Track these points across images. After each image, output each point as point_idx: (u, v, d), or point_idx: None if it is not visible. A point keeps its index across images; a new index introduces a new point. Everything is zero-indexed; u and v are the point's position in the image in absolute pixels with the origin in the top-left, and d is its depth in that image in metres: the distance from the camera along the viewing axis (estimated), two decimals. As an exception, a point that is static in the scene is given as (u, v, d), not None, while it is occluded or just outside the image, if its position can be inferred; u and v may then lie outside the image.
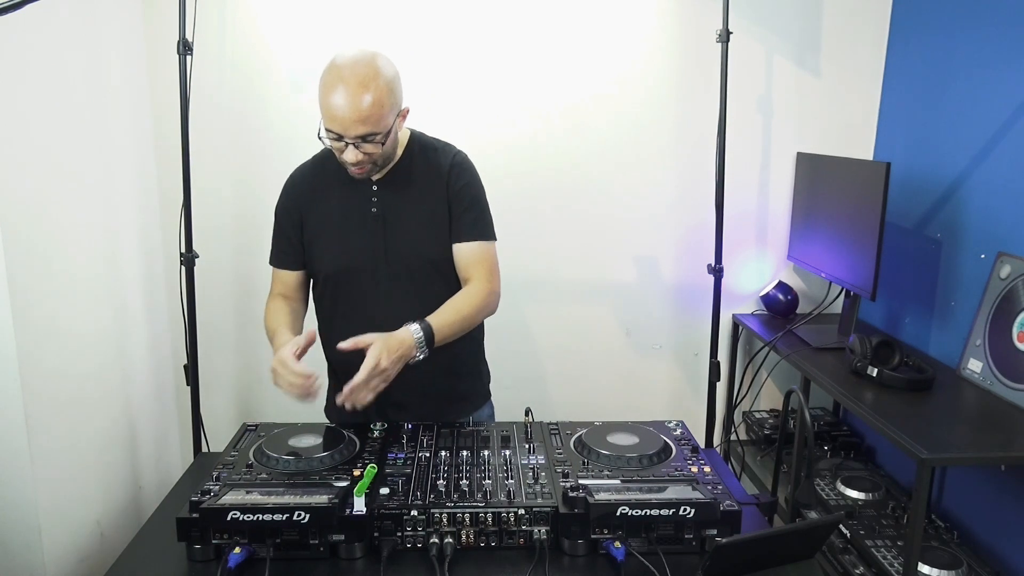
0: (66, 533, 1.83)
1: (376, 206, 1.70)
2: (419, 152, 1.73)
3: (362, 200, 1.71)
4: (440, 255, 1.72)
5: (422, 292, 1.70)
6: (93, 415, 2.01)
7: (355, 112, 1.51)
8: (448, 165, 1.71)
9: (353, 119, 1.52)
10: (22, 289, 1.66)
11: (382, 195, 1.70)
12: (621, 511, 1.27)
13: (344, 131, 1.54)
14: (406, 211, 1.70)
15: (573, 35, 2.57)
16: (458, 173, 1.72)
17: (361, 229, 1.70)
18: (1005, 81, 2.08)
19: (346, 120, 1.52)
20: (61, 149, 1.88)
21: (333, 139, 1.57)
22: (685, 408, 2.85)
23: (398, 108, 1.59)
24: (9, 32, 1.63)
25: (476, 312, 1.70)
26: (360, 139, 1.55)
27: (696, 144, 2.64)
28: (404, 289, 1.70)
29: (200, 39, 2.36)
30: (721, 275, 2.48)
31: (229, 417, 2.73)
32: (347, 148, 1.56)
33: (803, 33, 2.64)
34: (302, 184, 1.77)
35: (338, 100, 1.52)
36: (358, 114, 1.51)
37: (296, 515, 1.24)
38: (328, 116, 1.55)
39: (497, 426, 1.67)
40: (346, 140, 1.55)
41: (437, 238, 1.71)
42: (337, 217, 1.72)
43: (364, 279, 1.71)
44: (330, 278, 1.76)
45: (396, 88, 1.57)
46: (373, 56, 1.55)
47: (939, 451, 1.70)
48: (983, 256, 2.15)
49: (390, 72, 1.56)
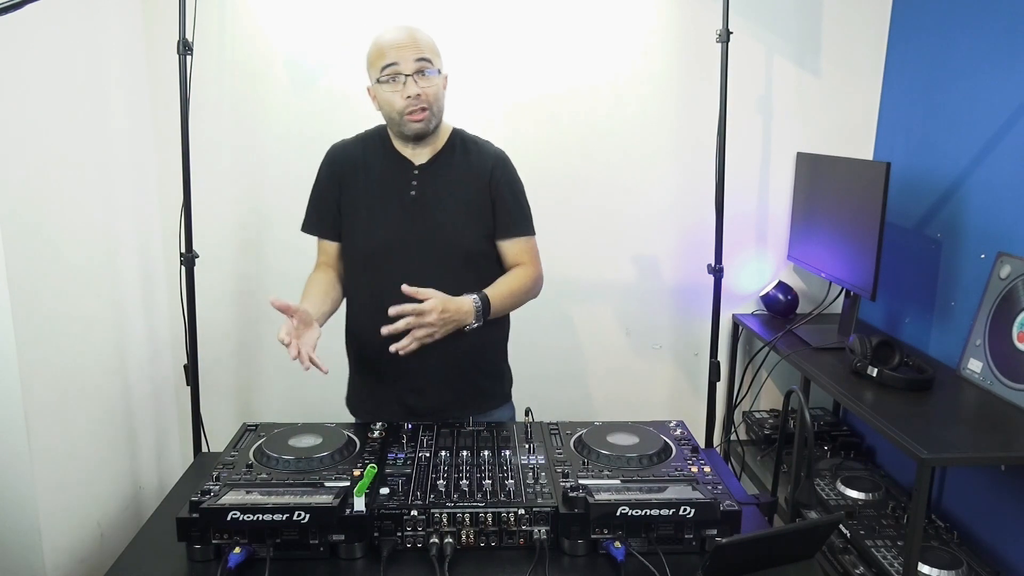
0: (66, 533, 1.83)
1: (416, 189, 1.73)
2: (460, 144, 1.78)
3: (402, 181, 1.73)
4: (473, 246, 1.75)
5: (452, 277, 1.70)
6: (93, 415, 2.01)
7: (410, 38, 1.62)
8: (491, 160, 1.77)
9: (409, 44, 1.61)
10: (22, 289, 1.66)
11: (423, 179, 1.73)
12: (621, 511, 1.27)
13: (401, 58, 1.61)
14: (444, 198, 1.73)
15: (573, 35, 2.57)
16: (502, 170, 1.77)
17: (398, 210, 1.73)
18: (1005, 81, 2.08)
19: (404, 47, 1.61)
20: (61, 149, 1.88)
21: (389, 77, 1.63)
22: (685, 408, 2.85)
23: (443, 63, 1.69)
24: (9, 32, 1.63)
25: (525, 292, 1.79)
26: (418, 72, 1.62)
27: (696, 144, 2.64)
28: (433, 277, 1.69)
29: (200, 39, 2.36)
30: (721, 275, 2.48)
31: (229, 417, 2.73)
32: (407, 82, 1.61)
33: (803, 33, 2.64)
34: (343, 156, 1.80)
35: (393, 34, 1.63)
36: (413, 39, 1.62)
37: (296, 515, 1.24)
38: (383, 52, 1.63)
39: (497, 426, 1.67)
40: (404, 74, 1.61)
41: (474, 229, 1.74)
42: (375, 196, 1.74)
43: (396, 260, 1.72)
44: (362, 256, 1.77)
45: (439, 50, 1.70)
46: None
47: (939, 451, 1.70)
48: (983, 256, 2.15)
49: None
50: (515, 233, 1.78)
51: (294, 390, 2.74)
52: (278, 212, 2.61)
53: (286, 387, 2.75)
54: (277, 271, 2.66)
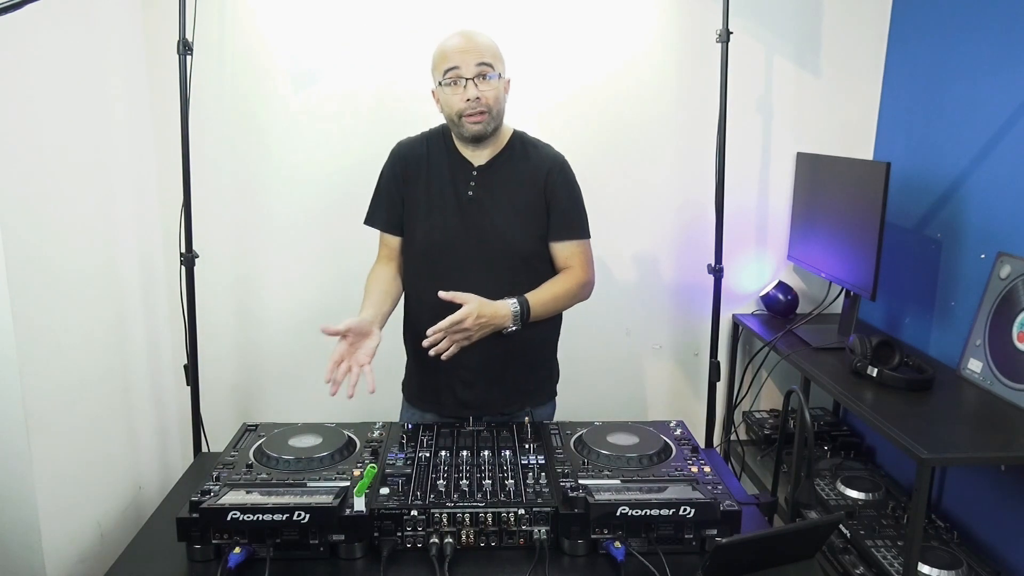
0: (66, 533, 1.83)
1: (473, 190, 1.76)
2: (520, 147, 1.82)
3: (461, 181, 1.77)
4: (528, 248, 1.77)
5: (506, 281, 1.74)
6: (93, 415, 2.01)
7: (473, 43, 1.67)
8: (548, 163, 1.79)
9: (471, 49, 1.66)
10: (22, 289, 1.66)
11: (480, 180, 1.76)
12: (621, 511, 1.27)
13: (463, 63, 1.65)
14: (501, 200, 1.76)
15: (573, 35, 2.57)
16: (558, 172, 1.79)
17: (456, 210, 1.76)
18: (1005, 81, 2.08)
19: (466, 51, 1.66)
20: (61, 149, 1.88)
21: (451, 80, 1.67)
22: (685, 408, 2.85)
23: (504, 67, 1.73)
24: (9, 32, 1.63)
25: (570, 297, 1.82)
26: (479, 75, 1.66)
27: (696, 144, 2.64)
28: (489, 276, 1.74)
29: (200, 39, 2.36)
30: (721, 275, 2.48)
31: (229, 417, 2.73)
32: (467, 85, 1.65)
33: (803, 33, 2.64)
34: (408, 153, 1.84)
35: (457, 39, 1.68)
36: (475, 44, 1.67)
37: (296, 515, 1.24)
38: (447, 57, 1.67)
39: (497, 426, 1.68)
40: (465, 77, 1.65)
41: (528, 231, 1.77)
42: (435, 194, 1.78)
43: (453, 258, 1.76)
44: (420, 252, 1.81)
45: (502, 54, 1.74)
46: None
47: (939, 451, 1.70)
48: (983, 256, 2.15)
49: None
50: (567, 236, 1.80)
51: (294, 390, 2.74)
52: (278, 212, 2.61)
53: (286, 387, 2.75)
54: (277, 271, 2.66)
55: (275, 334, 2.71)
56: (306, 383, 2.70)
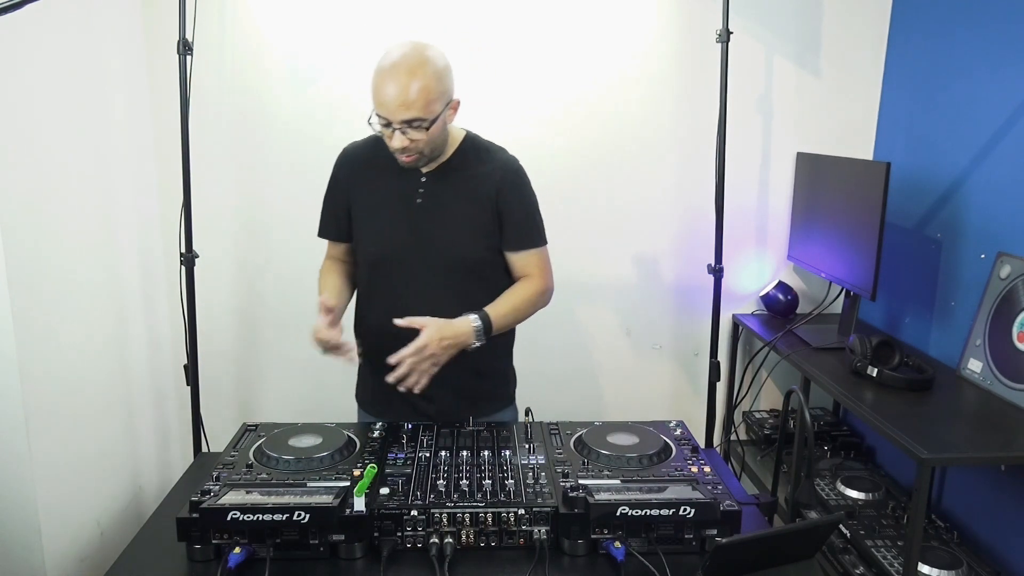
0: (66, 533, 1.83)
1: (422, 197, 1.72)
2: (472, 152, 1.75)
3: (409, 189, 1.73)
4: (477, 256, 1.74)
5: (457, 289, 1.72)
6: (93, 415, 2.01)
7: (402, 96, 1.54)
8: (500, 170, 1.73)
9: (399, 103, 1.54)
10: (22, 289, 1.66)
11: (429, 187, 1.72)
12: (621, 511, 1.27)
13: (390, 115, 1.56)
14: (451, 207, 1.72)
15: (572, 35, 2.57)
16: (511, 181, 1.74)
17: (404, 218, 1.72)
18: (1005, 81, 2.08)
19: (393, 104, 1.55)
20: (61, 149, 1.88)
21: (382, 124, 1.59)
22: (685, 408, 2.85)
23: (447, 98, 1.61)
24: (9, 32, 1.63)
25: (530, 306, 1.78)
26: (406, 124, 1.57)
27: (696, 144, 2.64)
28: (439, 284, 1.72)
29: (200, 39, 2.36)
30: (721, 275, 2.48)
31: (229, 417, 2.72)
32: (394, 134, 1.58)
33: (803, 33, 2.64)
34: (355, 160, 1.80)
35: (387, 85, 1.55)
36: (404, 98, 1.54)
37: (296, 515, 1.24)
38: (377, 101, 1.58)
39: (497, 426, 1.67)
40: (393, 126, 1.57)
41: (477, 239, 1.73)
42: (382, 202, 1.75)
43: (400, 268, 1.73)
44: (369, 262, 1.78)
45: (445, 78, 1.60)
46: (425, 46, 1.60)
47: (939, 451, 1.70)
48: (983, 256, 2.15)
49: (440, 62, 1.60)
50: (523, 246, 1.77)
51: (294, 390, 2.74)
52: (278, 212, 2.61)
53: (286, 387, 2.75)
54: (277, 271, 2.66)
55: (275, 334, 2.71)
56: (306, 383, 2.70)
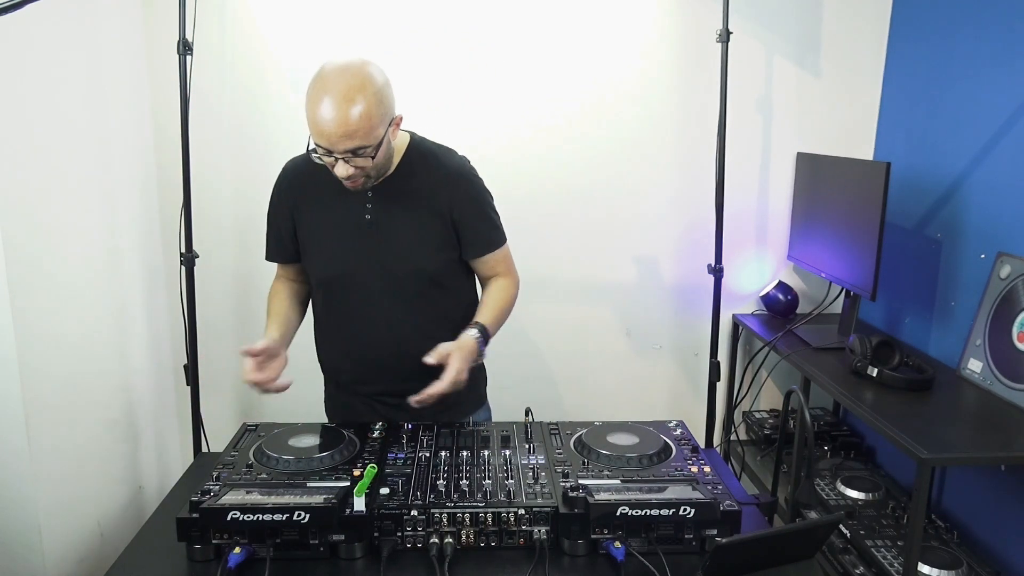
0: (66, 533, 1.83)
1: (371, 213, 1.65)
2: (418, 159, 1.67)
3: (356, 207, 1.65)
4: (434, 266, 1.68)
5: (416, 301, 1.69)
6: (93, 415, 2.01)
7: (343, 126, 1.44)
8: (449, 176, 1.66)
9: (340, 133, 1.44)
10: (22, 289, 1.66)
11: (377, 203, 1.65)
12: (621, 511, 1.27)
13: (332, 146, 1.46)
14: (401, 220, 1.65)
15: (572, 35, 2.57)
16: (462, 186, 1.67)
17: (354, 237, 1.66)
18: (1005, 81, 2.08)
19: (334, 135, 1.45)
20: (61, 149, 1.88)
21: (323, 154, 1.50)
22: (685, 408, 2.85)
23: (389, 117, 1.51)
24: (9, 32, 1.63)
25: (512, 303, 1.78)
26: (350, 153, 1.47)
27: (696, 144, 2.64)
28: (397, 298, 1.68)
29: (200, 39, 2.36)
30: (721, 275, 2.48)
31: (229, 417, 2.73)
32: (337, 163, 1.49)
33: (803, 33, 2.64)
34: (295, 180, 1.72)
35: (325, 114, 1.44)
36: (345, 128, 1.44)
37: (296, 515, 1.24)
38: (315, 131, 1.47)
39: (497, 426, 1.67)
40: (335, 155, 1.48)
41: (433, 250, 1.67)
42: (330, 221, 1.68)
43: (356, 287, 1.68)
44: (322, 283, 1.73)
45: (386, 97, 1.50)
46: (361, 65, 1.48)
47: (939, 451, 1.70)
48: (983, 256, 2.15)
49: (379, 80, 1.49)
50: (485, 250, 1.72)
51: (294, 390, 2.72)
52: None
53: (286, 387, 2.75)
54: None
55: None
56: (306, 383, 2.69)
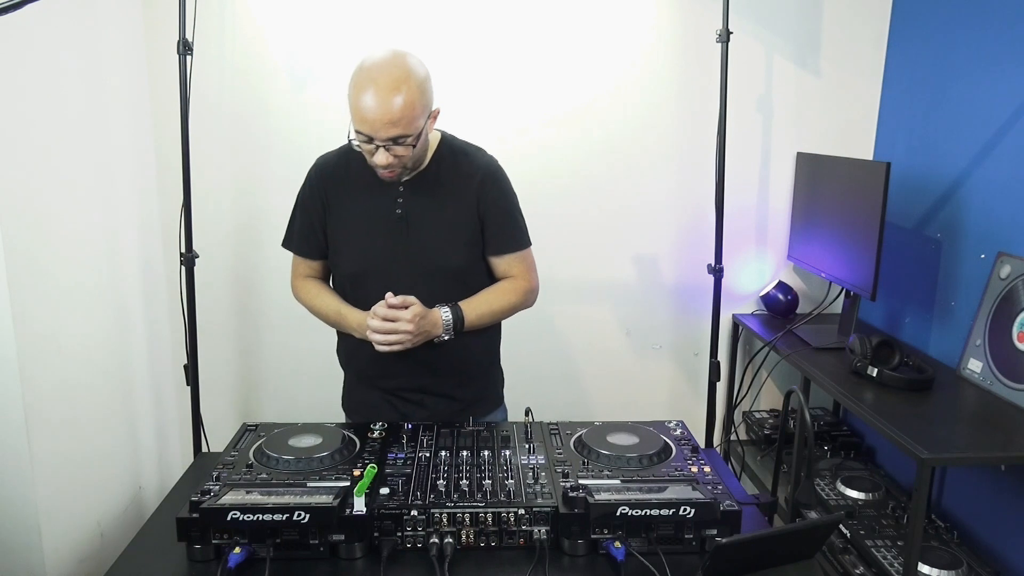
0: (66, 533, 1.83)
1: (401, 207, 1.69)
2: (449, 156, 1.71)
3: (387, 201, 1.69)
4: (462, 263, 1.71)
5: (440, 297, 1.69)
6: (93, 415, 2.01)
7: (386, 114, 1.49)
8: (479, 174, 1.70)
9: (384, 121, 1.49)
10: (22, 289, 1.66)
11: (408, 197, 1.69)
12: (621, 511, 1.27)
13: (374, 133, 1.51)
14: (431, 216, 1.69)
15: (572, 35, 2.57)
16: (491, 184, 1.71)
17: (384, 230, 1.69)
18: (1005, 81, 2.08)
19: (377, 122, 1.50)
20: (60, 150, 1.88)
21: (363, 141, 1.54)
22: (685, 408, 2.85)
23: (429, 109, 1.57)
24: (8, 32, 1.63)
25: (510, 307, 1.76)
26: (391, 141, 1.52)
27: (696, 144, 2.64)
28: (420, 293, 1.68)
29: (200, 39, 2.36)
30: (721, 275, 2.48)
31: (229, 417, 2.73)
32: (377, 151, 1.54)
33: (803, 33, 2.64)
34: (329, 174, 1.75)
35: (369, 102, 1.49)
36: (389, 116, 1.49)
37: (296, 515, 1.24)
38: (358, 118, 1.52)
39: (497, 426, 1.67)
40: (376, 143, 1.53)
41: (460, 246, 1.70)
42: (360, 215, 1.71)
43: (384, 281, 1.69)
44: (348, 277, 1.75)
45: (427, 89, 1.55)
46: (404, 56, 1.54)
47: (939, 451, 1.70)
48: (983, 256, 2.15)
49: (421, 72, 1.54)
50: (506, 250, 1.74)
51: (294, 390, 2.74)
52: (278, 212, 2.58)
53: (286, 387, 2.75)
54: (277, 271, 2.65)
55: (275, 334, 2.71)
56: (306, 383, 2.70)
